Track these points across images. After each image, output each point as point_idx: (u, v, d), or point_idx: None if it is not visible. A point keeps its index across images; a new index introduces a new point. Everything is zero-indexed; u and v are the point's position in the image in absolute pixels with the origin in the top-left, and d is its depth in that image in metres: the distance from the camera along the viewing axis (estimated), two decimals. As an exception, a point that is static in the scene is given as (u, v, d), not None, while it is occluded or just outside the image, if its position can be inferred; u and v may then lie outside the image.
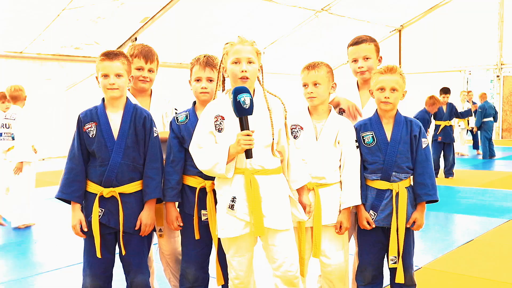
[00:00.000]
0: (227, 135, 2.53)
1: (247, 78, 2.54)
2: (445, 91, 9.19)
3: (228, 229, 2.56)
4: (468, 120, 12.27)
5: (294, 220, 2.70)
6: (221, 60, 2.64)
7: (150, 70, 3.08)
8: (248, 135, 2.43)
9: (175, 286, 3.17)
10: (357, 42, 3.05)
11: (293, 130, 2.82)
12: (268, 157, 2.57)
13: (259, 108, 2.57)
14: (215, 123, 2.57)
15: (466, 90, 13.12)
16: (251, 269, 2.69)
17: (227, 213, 2.55)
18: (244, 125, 2.45)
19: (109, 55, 2.69)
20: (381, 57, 3.06)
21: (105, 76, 2.67)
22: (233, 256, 2.62)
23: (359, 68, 3.01)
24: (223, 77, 2.68)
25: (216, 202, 2.74)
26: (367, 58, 3.00)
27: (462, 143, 12.47)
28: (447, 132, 8.99)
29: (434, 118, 8.93)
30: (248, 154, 2.46)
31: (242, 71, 2.52)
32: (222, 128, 2.55)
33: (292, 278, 2.59)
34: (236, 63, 2.54)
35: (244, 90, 2.44)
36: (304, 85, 2.85)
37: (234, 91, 2.45)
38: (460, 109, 11.98)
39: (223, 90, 2.70)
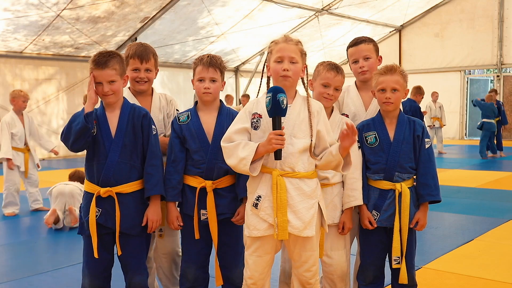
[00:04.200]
0: (262, 133, 2.48)
1: (289, 76, 2.49)
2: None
3: (251, 228, 2.51)
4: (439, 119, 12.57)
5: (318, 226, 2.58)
6: (266, 59, 2.60)
7: (147, 70, 2.99)
8: (280, 135, 2.36)
9: (165, 286, 3.18)
10: (356, 42, 3.05)
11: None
12: (302, 161, 2.49)
13: (300, 110, 2.52)
14: (252, 120, 2.52)
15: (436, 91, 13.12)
16: (268, 273, 2.61)
17: (251, 211, 2.51)
18: (276, 125, 2.38)
19: (98, 64, 2.62)
20: (380, 56, 3.07)
21: (99, 83, 2.64)
22: (251, 254, 2.55)
23: (360, 68, 3.01)
24: (268, 77, 2.62)
25: (216, 203, 2.76)
26: (367, 58, 2.99)
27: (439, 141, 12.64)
28: None
29: None
30: (277, 155, 2.39)
31: (284, 69, 2.48)
32: (258, 126, 2.51)
33: (305, 282, 2.58)
34: (279, 61, 2.50)
35: (282, 90, 2.38)
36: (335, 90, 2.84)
37: (273, 90, 2.38)
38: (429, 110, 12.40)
39: (267, 88, 2.62)
